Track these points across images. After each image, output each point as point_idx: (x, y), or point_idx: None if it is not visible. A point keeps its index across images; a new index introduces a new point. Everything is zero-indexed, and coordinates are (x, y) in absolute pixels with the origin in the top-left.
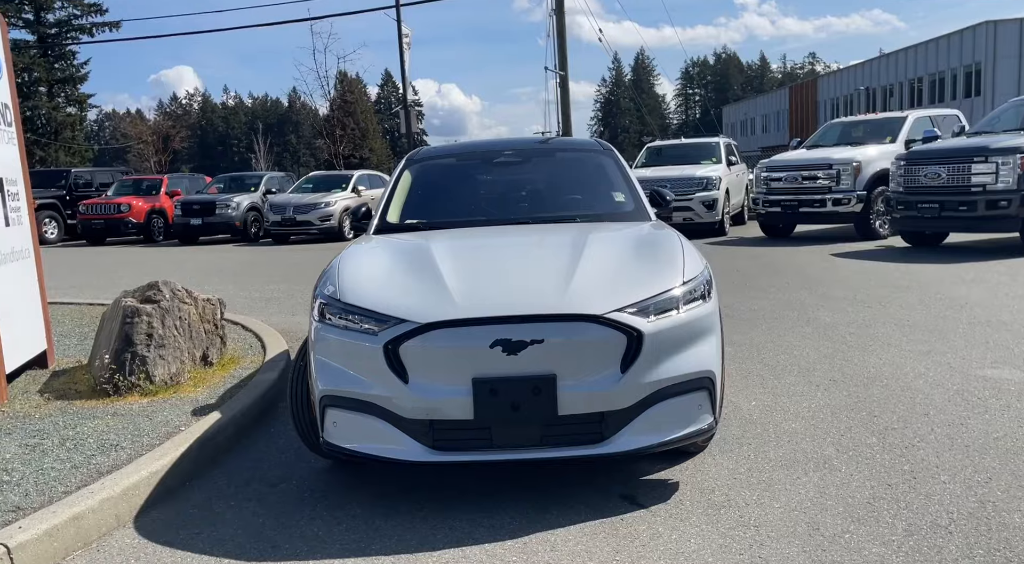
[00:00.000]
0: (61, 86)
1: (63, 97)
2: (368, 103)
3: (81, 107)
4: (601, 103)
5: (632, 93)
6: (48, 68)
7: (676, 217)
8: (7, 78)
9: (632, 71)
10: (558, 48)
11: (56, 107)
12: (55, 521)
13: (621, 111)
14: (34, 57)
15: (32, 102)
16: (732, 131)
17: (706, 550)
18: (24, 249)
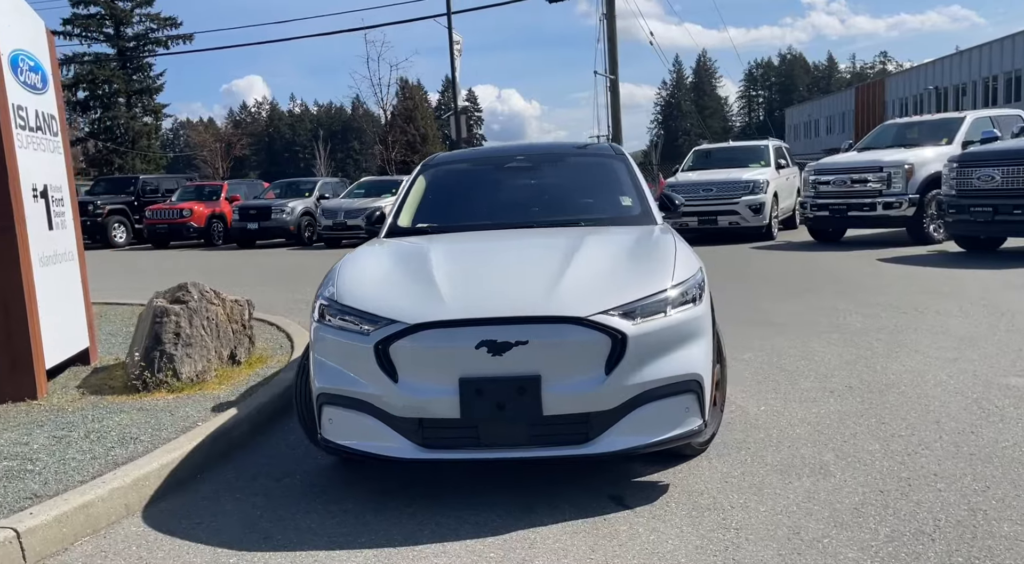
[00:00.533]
0: (138, 97)
1: (140, 107)
2: (428, 109)
3: (156, 116)
4: (661, 106)
5: (693, 96)
6: (127, 80)
7: (722, 221)
8: (54, 91)
9: (693, 73)
10: (608, 52)
11: (133, 117)
12: (65, 508)
13: (682, 114)
14: (114, 70)
15: (112, 112)
16: (795, 133)
17: (681, 551)
18: (68, 252)
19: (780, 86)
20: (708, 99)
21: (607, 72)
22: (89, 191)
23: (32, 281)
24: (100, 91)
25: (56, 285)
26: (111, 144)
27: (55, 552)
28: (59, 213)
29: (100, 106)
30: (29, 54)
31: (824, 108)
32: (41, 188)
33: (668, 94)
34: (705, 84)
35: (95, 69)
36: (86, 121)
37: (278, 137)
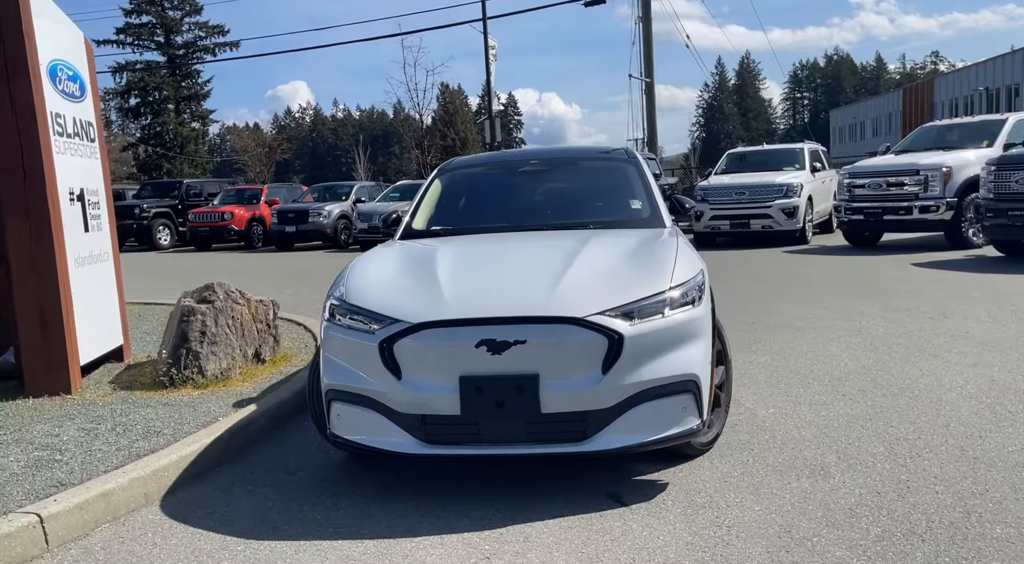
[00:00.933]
0: (187, 103)
1: (188, 113)
2: (468, 113)
3: (203, 122)
4: (704, 108)
5: (736, 98)
6: (176, 86)
7: (754, 224)
8: (92, 99)
9: (736, 76)
10: (644, 55)
11: (182, 122)
12: (87, 496)
13: (724, 116)
14: (164, 77)
15: (161, 118)
16: (840, 136)
17: (671, 547)
18: (103, 253)
19: (826, 88)
20: (751, 101)
21: (642, 75)
22: (136, 195)
23: (68, 281)
24: (151, 98)
25: (91, 285)
26: (160, 149)
27: (76, 537)
28: (95, 216)
29: (150, 112)
30: (68, 64)
31: (870, 110)
32: (78, 192)
33: (710, 97)
34: (748, 86)
35: (146, 76)
36: (137, 127)
37: (321, 141)
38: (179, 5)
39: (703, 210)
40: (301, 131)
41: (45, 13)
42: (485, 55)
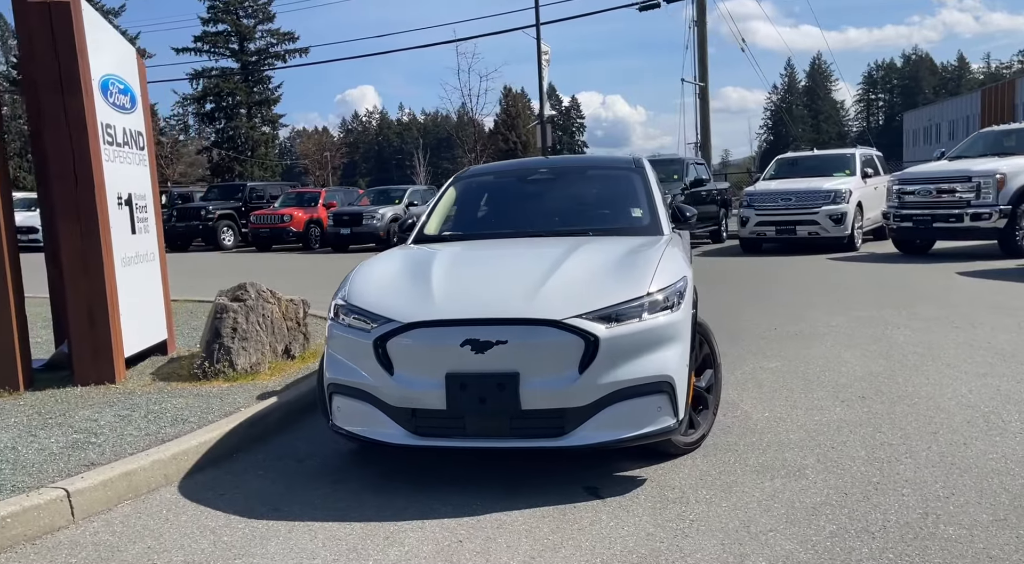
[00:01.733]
0: (258, 108)
1: (259, 118)
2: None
3: (273, 126)
4: (772, 110)
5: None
6: (248, 92)
7: (800, 231)
8: (142, 110)
9: (807, 76)
10: (699, 59)
11: (253, 127)
12: (111, 475)
13: (793, 119)
14: (237, 82)
15: (234, 123)
16: (914, 139)
17: (632, 537)
18: (149, 253)
19: (903, 89)
20: (822, 103)
21: (696, 79)
22: (203, 197)
23: (114, 279)
24: (224, 103)
25: (137, 283)
26: (233, 152)
27: (100, 511)
28: (142, 219)
29: (224, 117)
30: (119, 78)
31: (947, 112)
32: (126, 197)
33: (779, 99)
34: (819, 87)
35: (221, 82)
36: (212, 130)
37: (387, 145)
38: (253, 13)
39: (748, 216)
40: (367, 135)
41: (98, 31)
42: (538, 61)
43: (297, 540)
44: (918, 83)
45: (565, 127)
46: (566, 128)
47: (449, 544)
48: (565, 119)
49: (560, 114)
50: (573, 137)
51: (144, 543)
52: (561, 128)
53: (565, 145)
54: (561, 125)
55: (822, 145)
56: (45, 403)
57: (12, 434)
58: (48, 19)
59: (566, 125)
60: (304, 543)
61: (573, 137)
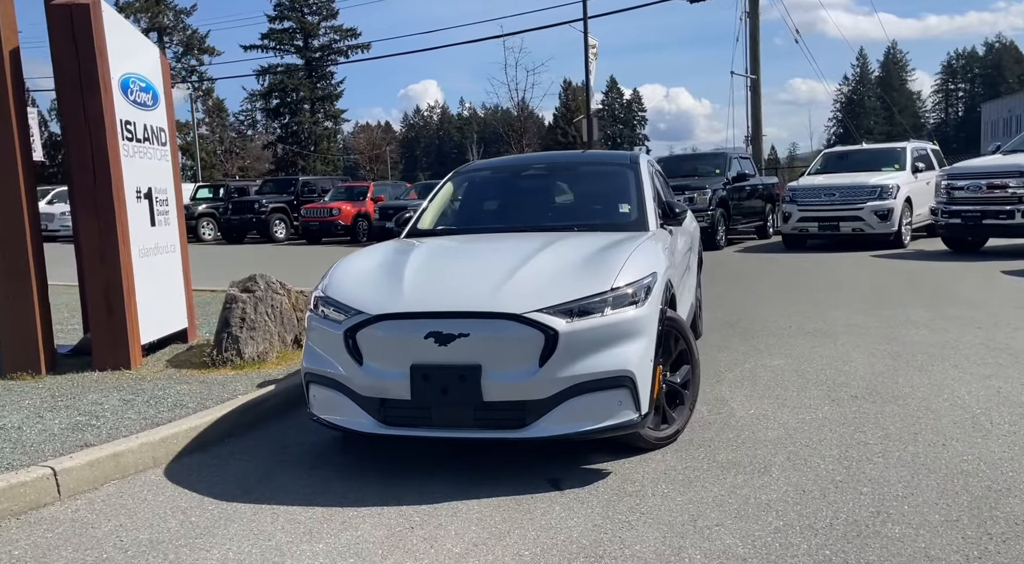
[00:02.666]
0: (321, 103)
1: (322, 113)
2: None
3: (336, 121)
4: (842, 103)
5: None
6: (312, 88)
7: (844, 227)
8: (165, 106)
9: (880, 67)
10: (750, 51)
11: (316, 122)
12: (98, 455)
13: (864, 111)
14: (301, 78)
15: (298, 118)
16: (992, 131)
17: (578, 528)
18: (170, 245)
19: (984, 78)
20: (897, 94)
21: (747, 72)
22: (257, 191)
23: (131, 270)
24: (289, 98)
25: (155, 273)
26: (296, 147)
27: (86, 489)
28: (163, 212)
29: (288, 112)
30: (141, 76)
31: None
32: (145, 190)
33: (850, 90)
34: (893, 78)
35: (285, 78)
36: (278, 126)
37: (447, 139)
38: (317, 10)
39: (791, 211)
40: (428, 129)
41: (120, 32)
42: (585, 55)
43: (259, 522)
44: (1001, 72)
45: (626, 120)
46: (627, 121)
47: (401, 530)
48: (626, 112)
49: (621, 107)
50: (634, 130)
51: (117, 521)
52: (622, 121)
53: (625, 139)
54: (622, 118)
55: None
56: (61, 387)
57: (22, 415)
58: (69, 21)
59: (627, 118)
60: (264, 525)
61: (634, 130)
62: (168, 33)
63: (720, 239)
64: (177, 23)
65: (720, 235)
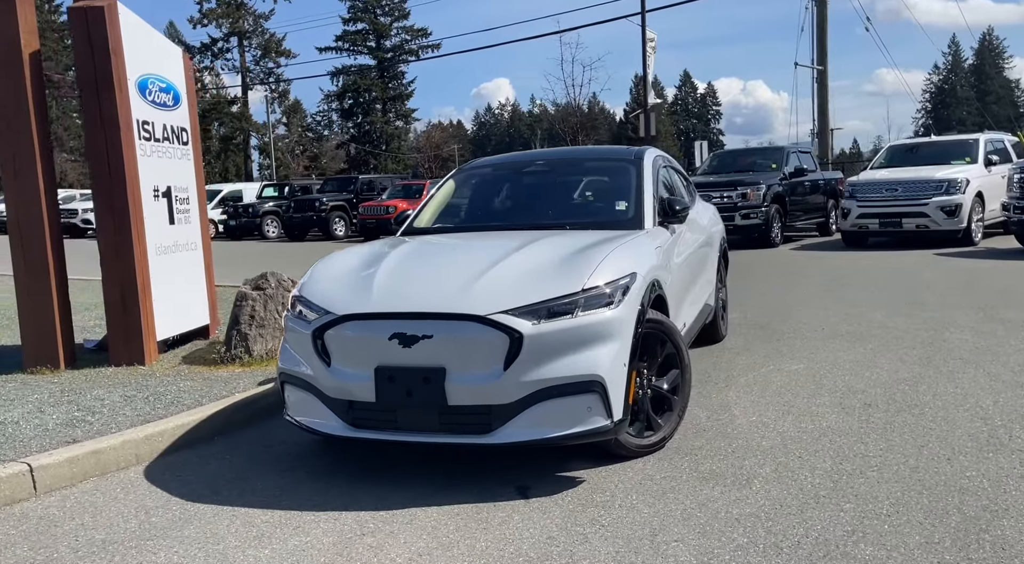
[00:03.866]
0: (392, 103)
1: (393, 112)
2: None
3: (406, 120)
4: (931, 93)
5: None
6: (383, 88)
7: (907, 224)
8: (187, 106)
9: (975, 54)
10: (817, 41)
11: (387, 121)
12: (79, 452)
13: (956, 101)
14: (373, 79)
15: (370, 118)
16: None
17: (530, 540)
18: (190, 243)
19: None
20: (992, 83)
21: (814, 63)
22: (319, 189)
23: (146, 267)
24: (361, 99)
25: (174, 271)
26: (368, 147)
27: (63, 486)
28: (183, 210)
29: (361, 112)
30: (160, 77)
31: None
32: (164, 189)
33: (940, 79)
34: (988, 66)
35: (358, 79)
36: (352, 126)
37: (517, 137)
38: (389, 11)
39: (850, 207)
40: (499, 127)
41: (139, 34)
42: (643, 48)
43: (215, 525)
44: None
45: (700, 115)
46: (701, 116)
47: (351, 537)
48: (700, 107)
49: (695, 102)
50: (708, 125)
51: (81, 519)
52: (695, 116)
53: (699, 133)
54: (695, 113)
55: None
56: (73, 382)
57: (25, 409)
58: (85, 23)
59: (701, 113)
60: (219, 528)
61: (708, 125)
62: (247, 37)
63: (775, 236)
64: (256, 27)
65: (775, 232)
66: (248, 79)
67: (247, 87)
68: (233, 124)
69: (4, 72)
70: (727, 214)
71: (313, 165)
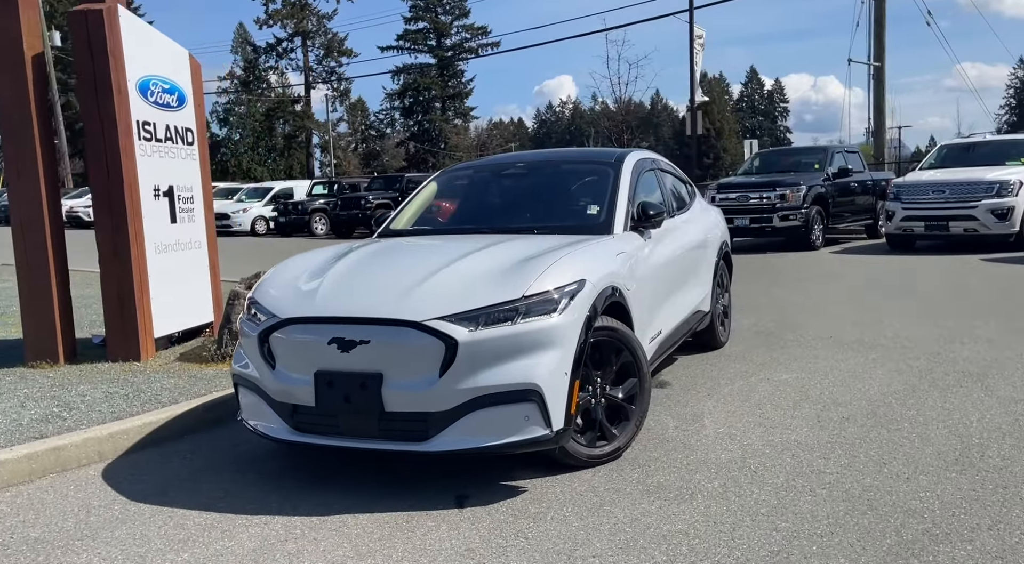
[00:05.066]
0: (451, 101)
1: (452, 111)
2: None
3: (465, 118)
4: (1016, 89)
5: None
6: (443, 86)
7: (954, 227)
8: (193, 107)
9: None
10: (875, 36)
11: (446, 120)
12: (38, 449)
13: None
14: (433, 78)
15: (429, 116)
16: None
17: (449, 551)
18: (194, 241)
19: None
20: None
21: (871, 59)
22: (366, 187)
23: (144, 265)
24: (421, 97)
25: (174, 269)
26: (428, 145)
27: (21, 481)
28: (186, 209)
29: (420, 111)
30: (163, 78)
31: None
32: (165, 188)
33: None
34: None
35: (418, 78)
36: (412, 124)
37: (578, 134)
38: (450, 10)
39: (894, 210)
40: (560, 124)
41: (141, 36)
42: (690, 46)
43: (149, 526)
44: None
45: (766, 112)
46: (767, 113)
47: (274, 542)
48: (767, 103)
49: (761, 98)
50: (775, 122)
51: (24, 516)
52: (762, 113)
53: (765, 131)
54: (762, 110)
55: None
56: (65, 377)
57: (9, 403)
58: (85, 26)
59: (767, 110)
60: (150, 530)
61: (775, 122)
62: (311, 37)
63: (815, 239)
64: (319, 27)
65: (815, 235)
66: (311, 78)
67: (309, 86)
68: (296, 122)
69: (7, 74)
70: (764, 215)
71: (374, 163)
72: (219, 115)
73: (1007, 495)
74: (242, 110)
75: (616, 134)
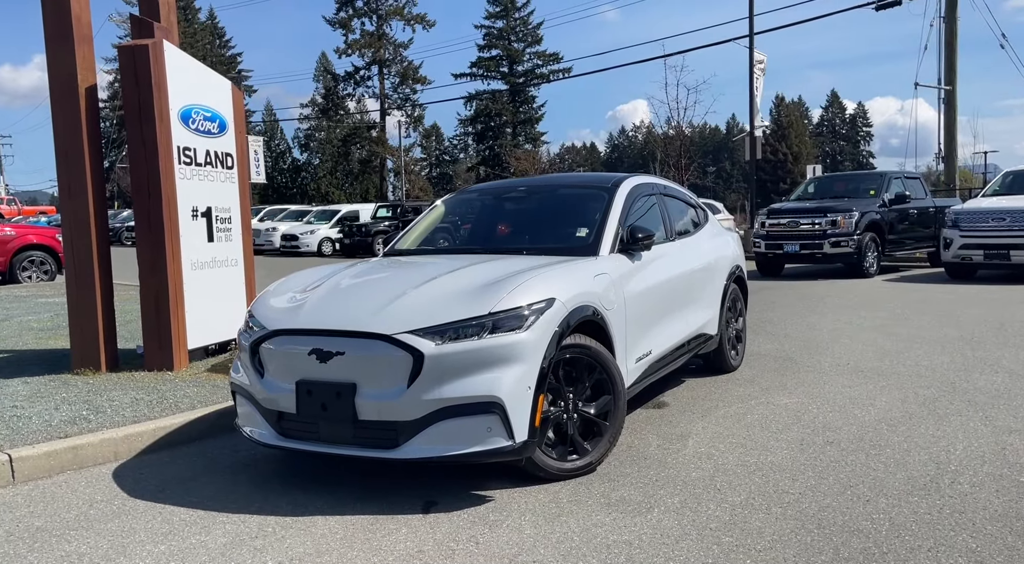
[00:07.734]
0: (522, 126)
1: (523, 136)
2: (805, 126)
3: (535, 144)
4: None
5: None
6: (514, 112)
7: (1016, 257)
8: (234, 133)
9: None
10: (946, 59)
11: (517, 145)
12: (57, 446)
13: None
14: (504, 104)
15: (499, 141)
16: None
17: (401, 553)
18: (231, 259)
19: None
20: None
21: (941, 83)
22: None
23: (180, 281)
24: (492, 123)
25: (210, 285)
26: (498, 169)
27: (41, 477)
28: (223, 229)
29: (492, 136)
30: (206, 107)
31: None
32: (203, 209)
33: None
34: None
35: (490, 104)
36: (484, 148)
37: (650, 158)
38: (523, 37)
39: (952, 238)
40: (633, 149)
41: (184, 68)
42: (750, 71)
43: (138, 520)
44: None
45: (848, 137)
46: (849, 137)
47: (244, 538)
48: (849, 128)
49: (843, 123)
50: (857, 147)
51: (34, 507)
52: (843, 138)
53: (847, 156)
54: (843, 135)
55: None
56: (104, 384)
57: (46, 406)
58: (132, 59)
59: (849, 135)
60: (139, 523)
61: (857, 147)
62: (387, 65)
63: (869, 266)
64: (396, 56)
65: (869, 262)
66: (386, 105)
67: (385, 112)
68: (371, 148)
69: (62, 106)
70: (815, 241)
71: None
72: (300, 141)
73: (960, 520)
74: (322, 136)
75: (674, 159)
